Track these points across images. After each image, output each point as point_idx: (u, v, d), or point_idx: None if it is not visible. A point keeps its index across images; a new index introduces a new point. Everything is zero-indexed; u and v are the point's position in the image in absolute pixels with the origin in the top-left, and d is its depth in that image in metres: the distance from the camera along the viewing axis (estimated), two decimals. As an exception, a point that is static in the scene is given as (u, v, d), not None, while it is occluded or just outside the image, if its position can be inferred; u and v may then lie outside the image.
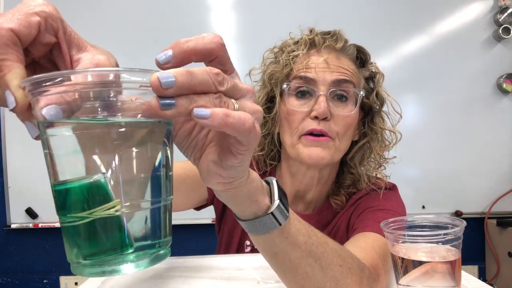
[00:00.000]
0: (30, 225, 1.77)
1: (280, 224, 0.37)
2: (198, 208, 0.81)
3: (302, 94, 0.67)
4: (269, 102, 0.71)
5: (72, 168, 0.26)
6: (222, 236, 0.83)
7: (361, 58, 0.74)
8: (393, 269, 0.49)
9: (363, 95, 0.68)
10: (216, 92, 0.27)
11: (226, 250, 0.82)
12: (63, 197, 0.26)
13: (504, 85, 1.77)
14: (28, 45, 0.28)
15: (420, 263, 0.45)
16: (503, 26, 1.74)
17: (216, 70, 0.27)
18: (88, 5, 1.78)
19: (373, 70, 0.75)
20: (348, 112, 0.66)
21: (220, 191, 0.34)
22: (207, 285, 0.59)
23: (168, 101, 0.25)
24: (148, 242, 0.27)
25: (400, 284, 0.47)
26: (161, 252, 0.28)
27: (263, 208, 0.36)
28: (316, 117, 0.64)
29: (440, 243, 0.45)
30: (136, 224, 0.27)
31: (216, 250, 0.89)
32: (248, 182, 0.34)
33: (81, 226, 0.26)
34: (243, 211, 0.37)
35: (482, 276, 1.84)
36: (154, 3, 1.79)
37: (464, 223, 0.46)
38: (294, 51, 0.69)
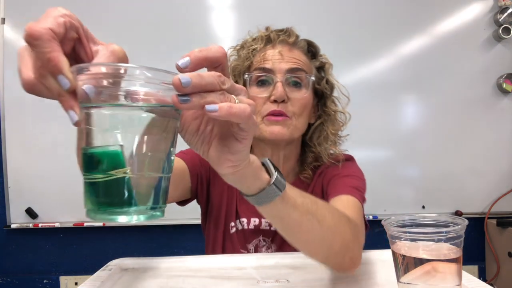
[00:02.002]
0: (30, 225, 1.77)
1: (281, 191, 0.45)
2: (182, 203, 0.85)
3: (262, 82, 0.77)
4: None
5: (99, 139, 0.34)
6: (210, 230, 0.87)
7: (311, 51, 0.84)
8: (394, 266, 0.49)
9: (314, 80, 0.79)
10: (220, 90, 0.35)
11: (214, 240, 0.85)
12: (88, 159, 0.34)
13: (504, 85, 1.77)
14: (60, 41, 0.34)
15: (421, 261, 0.45)
16: (503, 26, 1.74)
17: (219, 73, 0.35)
18: (88, 5, 1.78)
19: (323, 61, 0.85)
20: (302, 95, 0.76)
21: (229, 175, 0.41)
22: (207, 284, 0.59)
23: (185, 98, 0.33)
24: (148, 204, 0.35)
25: (401, 282, 0.47)
26: (157, 213, 0.36)
27: (265, 181, 0.44)
28: (275, 101, 0.74)
29: (442, 241, 0.45)
30: (141, 188, 0.34)
31: (205, 249, 0.91)
32: (251, 163, 0.42)
33: (98, 183, 0.33)
34: (249, 188, 0.44)
35: (482, 276, 1.84)
36: (154, 3, 1.79)
37: (466, 221, 0.46)
38: (252, 46, 0.79)
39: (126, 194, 0.33)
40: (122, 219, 0.33)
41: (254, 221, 0.82)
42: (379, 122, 1.81)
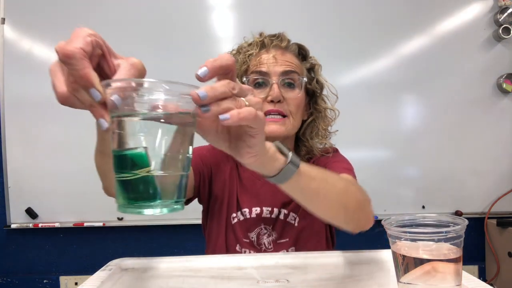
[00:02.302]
0: (30, 225, 1.77)
1: (297, 167, 0.50)
2: (185, 202, 0.86)
3: (259, 84, 0.84)
4: None
5: (126, 142, 0.39)
6: (212, 225, 0.90)
7: (302, 53, 0.90)
8: (394, 266, 0.49)
9: (306, 81, 0.86)
10: (231, 96, 0.40)
11: (217, 233, 0.88)
12: (117, 160, 0.39)
13: (504, 85, 1.77)
14: (88, 58, 0.39)
15: (421, 261, 0.45)
16: (503, 26, 1.74)
17: (228, 81, 0.40)
18: (88, 5, 1.78)
19: (313, 62, 0.91)
20: (296, 95, 0.83)
21: (251, 163, 0.46)
22: (207, 284, 0.59)
23: (205, 108, 0.38)
24: (170, 199, 0.40)
25: (401, 282, 0.47)
26: (178, 206, 0.41)
27: (282, 162, 0.49)
28: (272, 101, 0.81)
29: (442, 241, 0.45)
30: (163, 185, 0.39)
31: (205, 249, 0.93)
32: (267, 150, 0.47)
33: (126, 181, 0.38)
34: (270, 171, 0.49)
35: (482, 276, 1.84)
36: (154, 3, 1.79)
37: (466, 221, 0.46)
38: (248, 51, 0.86)
39: (151, 190, 0.38)
40: (148, 212, 0.38)
41: (256, 210, 0.86)
42: (379, 122, 1.81)
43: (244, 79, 0.84)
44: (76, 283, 1.83)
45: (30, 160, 1.78)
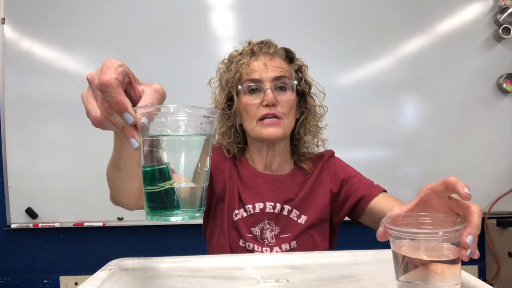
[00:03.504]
0: (30, 225, 1.77)
1: None
2: None
3: (253, 90, 0.89)
4: (229, 101, 0.94)
5: (154, 159, 0.45)
6: (215, 223, 0.92)
7: (289, 56, 0.95)
8: (393, 266, 0.49)
9: (296, 83, 0.91)
10: None
11: (220, 230, 0.90)
12: (144, 174, 0.45)
13: (504, 85, 1.77)
14: None
15: (421, 261, 0.45)
16: (503, 26, 1.74)
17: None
18: (88, 5, 1.78)
19: (300, 64, 0.96)
20: (288, 97, 0.89)
21: None
22: (207, 284, 0.59)
23: (469, 252, 0.44)
24: (191, 207, 0.46)
25: (399, 280, 0.47)
26: (198, 214, 0.47)
27: None
28: (267, 105, 0.86)
29: (442, 241, 0.45)
30: (185, 195, 0.45)
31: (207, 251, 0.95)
32: None
33: (152, 193, 0.44)
34: None
35: (482, 276, 1.84)
36: (154, 3, 1.79)
37: (465, 222, 0.46)
38: (240, 60, 0.91)
39: (174, 200, 0.44)
40: (172, 219, 0.44)
41: (259, 205, 0.90)
42: (379, 122, 1.81)
43: (240, 87, 0.89)
44: (76, 283, 1.83)
45: (30, 160, 1.78)
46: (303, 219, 0.89)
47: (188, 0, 1.79)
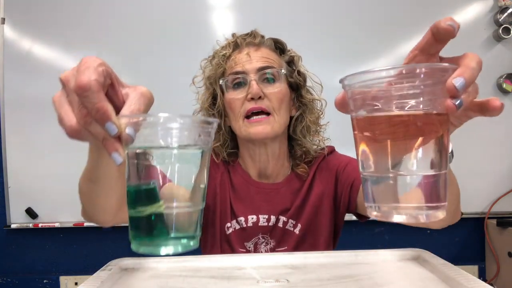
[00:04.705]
0: (30, 225, 1.77)
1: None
2: None
3: (237, 85, 0.80)
4: (214, 100, 0.85)
5: (139, 177, 0.38)
6: (206, 235, 0.87)
7: (279, 47, 0.86)
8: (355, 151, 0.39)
9: (285, 72, 0.82)
10: None
11: (212, 243, 0.85)
12: (131, 195, 0.37)
13: (504, 85, 1.77)
14: None
15: (391, 119, 0.33)
16: (503, 26, 1.74)
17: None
18: (87, 5, 1.78)
19: (292, 55, 0.87)
20: (276, 89, 0.79)
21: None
22: (207, 284, 0.59)
23: (459, 102, 0.34)
24: (182, 234, 0.38)
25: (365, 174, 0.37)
26: (191, 243, 0.38)
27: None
28: (252, 98, 0.77)
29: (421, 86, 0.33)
30: (177, 220, 0.37)
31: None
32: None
33: (139, 217, 0.37)
34: None
35: (482, 276, 1.84)
36: (154, 3, 1.79)
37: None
38: (222, 52, 0.83)
39: (164, 226, 0.36)
40: (162, 251, 0.37)
41: (252, 218, 0.83)
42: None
43: (221, 81, 0.82)
44: (76, 283, 1.83)
45: (30, 160, 1.78)
46: (301, 230, 0.83)
47: (188, 0, 1.79)
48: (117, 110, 0.38)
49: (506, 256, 1.68)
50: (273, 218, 0.83)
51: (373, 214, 0.36)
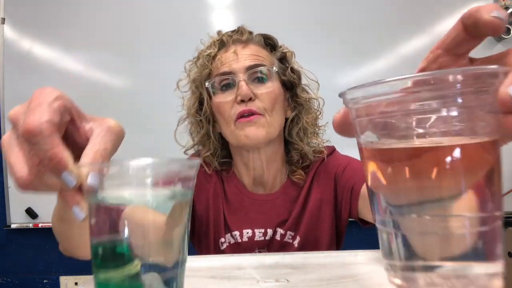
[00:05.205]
0: (30, 225, 1.77)
1: None
2: None
3: (226, 87, 0.74)
4: (200, 105, 0.79)
5: (108, 233, 0.31)
6: (200, 249, 0.85)
7: (269, 43, 0.80)
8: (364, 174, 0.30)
9: (277, 70, 0.75)
10: None
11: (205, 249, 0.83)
12: (96, 255, 0.30)
13: (504, 85, 1.77)
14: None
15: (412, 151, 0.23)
16: (503, 26, 1.74)
17: None
18: (87, 5, 1.78)
19: (284, 51, 0.81)
20: (268, 88, 0.73)
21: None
22: (207, 284, 0.59)
23: None
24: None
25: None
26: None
27: None
28: (242, 101, 0.71)
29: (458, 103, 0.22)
30: (154, 283, 0.30)
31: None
32: None
33: (108, 284, 0.30)
34: None
35: (482, 276, 1.84)
36: (153, 2, 1.79)
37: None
38: (206, 52, 0.77)
39: (140, 284, 0.30)
40: None
41: (247, 232, 0.78)
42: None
43: (207, 84, 0.75)
44: (76, 283, 1.83)
45: (30, 160, 1.78)
46: (300, 242, 0.78)
47: (188, 0, 1.79)
48: (80, 149, 0.32)
49: (506, 256, 1.68)
50: (269, 231, 0.78)
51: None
